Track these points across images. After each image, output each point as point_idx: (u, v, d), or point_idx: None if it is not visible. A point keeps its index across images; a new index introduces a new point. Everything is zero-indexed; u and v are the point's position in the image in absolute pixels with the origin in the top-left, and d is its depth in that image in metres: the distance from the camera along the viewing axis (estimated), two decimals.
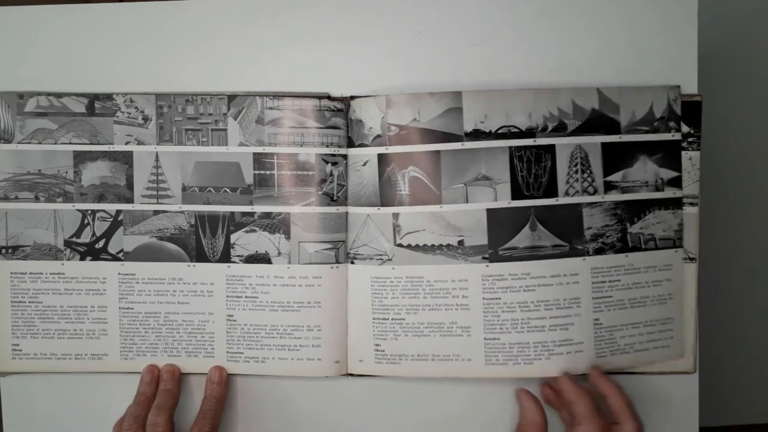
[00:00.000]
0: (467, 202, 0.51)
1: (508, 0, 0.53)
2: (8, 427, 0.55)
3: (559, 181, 0.51)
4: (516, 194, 0.51)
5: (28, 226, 0.53)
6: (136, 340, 0.53)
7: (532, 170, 0.51)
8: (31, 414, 0.55)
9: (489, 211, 0.51)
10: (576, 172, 0.51)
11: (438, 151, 0.51)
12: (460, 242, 0.51)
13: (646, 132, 0.52)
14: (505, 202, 0.51)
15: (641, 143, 0.52)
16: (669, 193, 0.52)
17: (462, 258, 0.51)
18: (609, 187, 0.52)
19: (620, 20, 0.53)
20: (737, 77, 0.68)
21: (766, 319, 0.69)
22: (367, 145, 0.51)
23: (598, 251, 0.52)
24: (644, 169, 0.52)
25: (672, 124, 0.52)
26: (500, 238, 0.51)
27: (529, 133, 0.51)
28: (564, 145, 0.51)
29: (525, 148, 0.51)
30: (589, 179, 0.51)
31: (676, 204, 0.52)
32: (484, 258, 0.51)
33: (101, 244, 0.53)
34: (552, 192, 0.51)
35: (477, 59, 0.53)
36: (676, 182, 0.52)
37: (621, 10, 0.53)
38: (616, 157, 0.52)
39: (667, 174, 0.52)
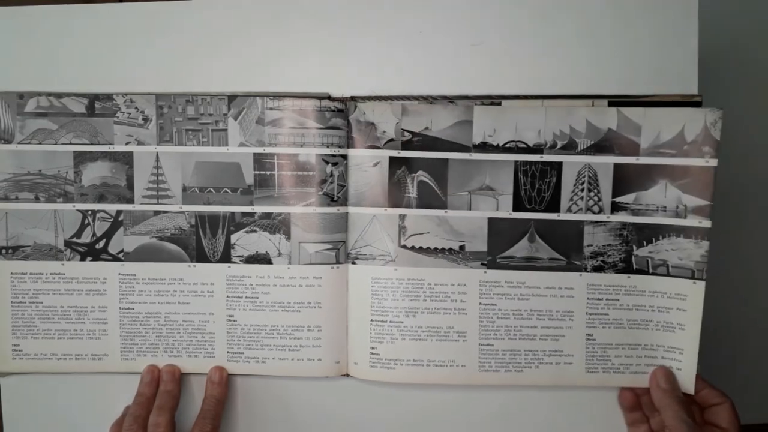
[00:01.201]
0: (470, 209, 0.52)
1: (508, 2, 0.53)
2: (8, 427, 0.55)
3: (563, 197, 0.51)
4: (517, 206, 0.52)
5: (29, 226, 0.53)
6: (136, 340, 0.53)
7: (535, 185, 0.51)
8: (31, 414, 0.55)
9: (490, 220, 0.52)
10: (582, 190, 0.51)
11: (447, 159, 0.52)
12: (462, 247, 0.52)
13: (672, 156, 0.50)
14: (506, 213, 0.52)
15: (663, 166, 0.50)
16: (693, 221, 0.50)
17: (462, 263, 0.52)
18: (617, 207, 0.51)
19: (620, 20, 0.52)
20: (737, 77, 0.68)
21: (766, 320, 0.70)
22: (379, 147, 0.52)
23: (597, 269, 0.52)
24: (663, 194, 0.50)
25: (707, 149, 0.49)
26: (499, 246, 0.52)
27: (537, 149, 0.51)
28: (572, 162, 0.51)
29: (530, 163, 0.51)
30: (596, 198, 0.51)
31: (701, 234, 0.50)
32: (482, 264, 0.52)
33: (101, 244, 0.53)
34: (554, 207, 0.52)
35: (477, 60, 0.53)
36: (703, 211, 0.50)
37: (621, 11, 0.52)
38: (630, 179, 0.51)
39: (693, 201, 0.50)
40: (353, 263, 0.53)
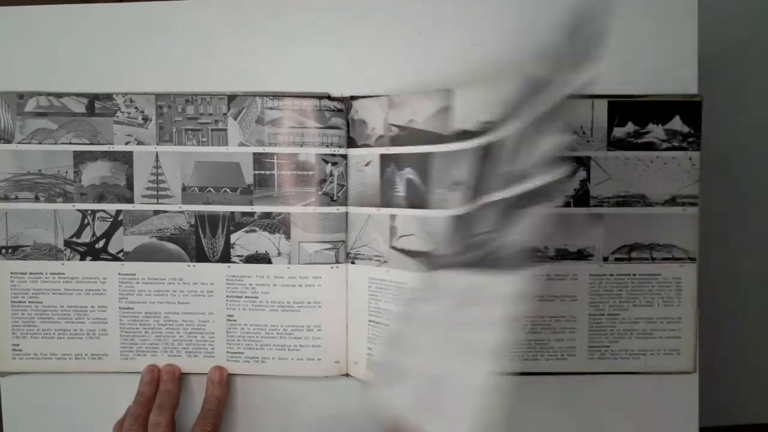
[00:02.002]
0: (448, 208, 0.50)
1: (508, 2, 0.53)
2: (8, 427, 0.55)
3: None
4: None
5: (29, 226, 0.53)
6: (136, 340, 0.53)
7: None
8: (31, 414, 0.55)
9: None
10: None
11: (427, 153, 0.49)
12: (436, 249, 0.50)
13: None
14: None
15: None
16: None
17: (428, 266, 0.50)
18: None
19: (619, 19, 0.52)
20: (737, 77, 0.68)
21: (766, 319, 0.70)
22: (370, 146, 0.52)
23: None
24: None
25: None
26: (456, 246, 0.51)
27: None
28: None
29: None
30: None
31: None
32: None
33: (101, 244, 0.53)
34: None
35: (477, 60, 0.53)
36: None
37: (621, 11, 0.52)
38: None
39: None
40: (353, 263, 0.53)
